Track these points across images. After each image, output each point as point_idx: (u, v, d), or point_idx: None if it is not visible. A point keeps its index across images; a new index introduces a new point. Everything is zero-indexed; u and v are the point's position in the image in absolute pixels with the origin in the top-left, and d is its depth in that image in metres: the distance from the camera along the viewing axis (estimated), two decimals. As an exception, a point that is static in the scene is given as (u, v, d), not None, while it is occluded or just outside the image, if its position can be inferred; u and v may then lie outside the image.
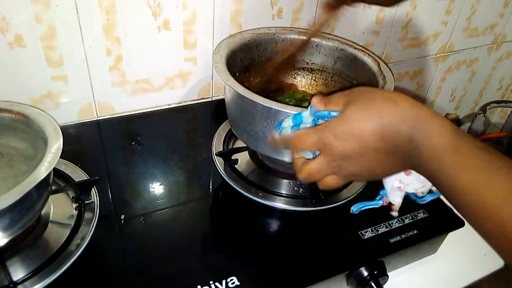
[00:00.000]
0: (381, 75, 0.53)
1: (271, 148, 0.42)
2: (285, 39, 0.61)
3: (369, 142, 0.33)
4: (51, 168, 0.39)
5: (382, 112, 0.33)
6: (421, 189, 0.38)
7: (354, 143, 0.34)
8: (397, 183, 0.38)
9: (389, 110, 0.33)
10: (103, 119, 0.66)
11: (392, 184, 0.38)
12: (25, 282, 0.40)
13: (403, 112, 0.33)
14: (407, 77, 0.96)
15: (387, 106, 0.33)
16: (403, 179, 0.37)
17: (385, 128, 0.33)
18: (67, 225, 0.46)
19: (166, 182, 0.55)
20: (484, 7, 0.93)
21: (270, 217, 0.52)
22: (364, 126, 0.33)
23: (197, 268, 0.44)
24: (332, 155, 0.35)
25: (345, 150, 0.34)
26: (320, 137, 0.36)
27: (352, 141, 0.34)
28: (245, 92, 0.45)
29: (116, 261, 0.44)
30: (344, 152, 0.35)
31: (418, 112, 0.32)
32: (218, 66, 0.50)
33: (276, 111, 0.44)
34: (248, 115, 0.48)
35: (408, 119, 0.32)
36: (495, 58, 1.08)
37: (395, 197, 0.38)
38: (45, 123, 0.44)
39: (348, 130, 0.34)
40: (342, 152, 0.35)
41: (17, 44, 0.54)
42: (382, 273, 0.46)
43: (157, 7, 0.59)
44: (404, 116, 0.32)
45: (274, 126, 0.42)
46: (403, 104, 0.33)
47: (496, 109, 1.23)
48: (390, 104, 0.33)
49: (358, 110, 0.34)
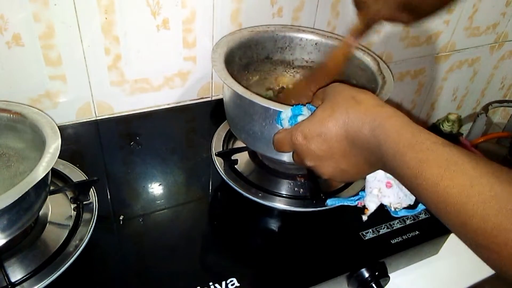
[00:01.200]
0: (380, 75, 0.53)
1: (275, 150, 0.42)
2: (285, 37, 0.61)
3: (333, 142, 0.34)
4: (49, 168, 0.39)
5: (345, 111, 0.33)
6: (395, 204, 0.38)
7: (322, 144, 0.35)
8: (376, 191, 0.38)
9: (352, 109, 0.33)
10: (102, 119, 0.66)
11: (372, 190, 0.38)
12: (23, 283, 0.40)
13: (366, 111, 0.33)
14: (408, 77, 0.95)
15: (350, 105, 0.34)
16: (382, 190, 0.38)
17: (349, 127, 0.33)
18: (66, 226, 0.46)
19: (165, 183, 0.54)
20: (486, 6, 0.92)
21: (270, 217, 0.52)
22: (329, 126, 0.34)
23: (196, 269, 0.44)
24: (304, 154, 0.37)
25: (314, 150, 0.35)
26: (291, 137, 0.37)
27: (319, 142, 0.35)
28: (243, 92, 0.45)
29: (115, 262, 0.44)
30: (314, 152, 0.35)
31: (379, 111, 0.32)
32: (216, 65, 0.49)
33: (274, 111, 0.43)
34: (247, 115, 0.48)
35: (370, 119, 0.32)
36: (497, 57, 1.08)
37: (370, 203, 0.39)
38: (43, 123, 0.43)
39: (314, 130, 0.35)
40: (312, 152, 0.36)
41: (15, 43, 0.53)
42: (384, 274, 0.46)
43: (156, 6, 0.59)
44: (366, 115, 0.32)
45: (274, 119, 0.43)
46: (366, 103, 0.33)
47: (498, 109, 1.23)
48: (353, 103, 0.34)
49: (323, 110, 0.35)
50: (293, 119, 0.39)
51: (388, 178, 0.37)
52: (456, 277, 0.54)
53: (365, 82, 0.57)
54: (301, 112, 0.39)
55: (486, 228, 0.25)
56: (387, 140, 0.31)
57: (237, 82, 0.47)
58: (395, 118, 0.32)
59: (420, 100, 1.04)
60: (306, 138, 0.36)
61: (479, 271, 0.54)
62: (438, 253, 0.55)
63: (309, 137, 0.35)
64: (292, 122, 0.39)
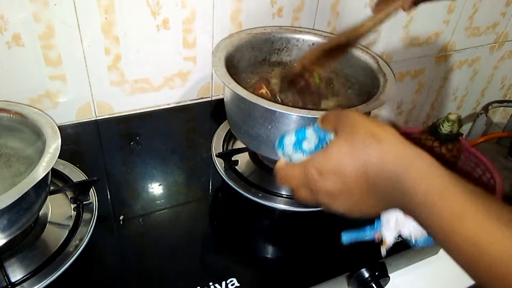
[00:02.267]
0: (381, 73, 0.53)
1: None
2: (282, 39, 0.61)
3: (352, 182, 0.32)
4: (49, 168, 0.39)
5: (365, 151, 0.31)
6: (415, 233, 0.36)
7: (339, 183, 0.32)
8: (393, 221, 0.36)
9: (373, 149, 0.31)
10: (102, 119, 0.66)
11: (388, 220, 0.36)
12: (23, 283, 0.40)
13: (388, 152, 0.30)
14: (408, 77, 0.95)
15: (371, 143, 0.31)
16: (400, 219, 0.35)
17: (369, 169, 0.31)
18: (66, 226, 0.46)
19: (165, 183, 0.54)
20: (486, 6, 0.92)
21: (270, 217, 0.52)
22: (346, 165, 0.32)
23: (196, 269, 0.44)
24: (318, 192, 0.34)
25: (328, 187, 0.33)
26: (305, 173, 0.34)
27: (336, 180, 0.33)
28: (248, 95, 0.45)
29: (115, 262, 0.44)
30: (328, 190, 0.33)
31: (404, 153, 0.30)
32: (218, 69, 0.49)
33: (280, 113, 0.43)
34: (251, 118, 0.48)
35: (393, 161, 0.30)
36: (497, 57, 1.08)
37: (388, 235, 0.37)
38: (43, 123, 0.44)
39: (330, 168, 0.33)
40: (327, 190, 0.33)
41: (15, 43, 0.53)
42: (384, 274, 0.46)
43: (156, 6, 0.59)
44: (388, 157, 0.30)
45: (276, 142, 0.38)
46: (388, 143, 0.31)
47: (498, 109, 1.23)
48: (374, 141, 0.31)
49: (340, 145, 0.33)
50: (297, 145, 0.37)
51: None
52: (455, 277, 0.54)
53: (365, 80, 0.57)
54: (305, 136, 0.37)
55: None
56: (412, 186, 0.29)
57: (240, 86, 0.47)
58: (420, 161, 0.30)
59: (420, 100, 1.04)
60: (321, 175, 0.33)
61: (479, 271, 0.54)
62: (438, 253, 0.55)
63: (325, 174, 0.33)
64: (297, 148, 0.37)
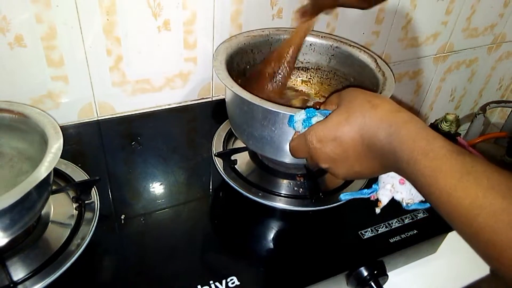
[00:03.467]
0: (380, 71, 0.53)
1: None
2: (279, 40, 0.61)
3: (349, 146, 0.34)
4: (51, 168, 0.39)
5: (361, 116, 0.33)
6: (407, 200, 0.39)
7: (337, 147, 0.35)
8: (389, 186, 0.39)
9: (368, 114, 0.33)
10: (103, 119, 0.66)
11: (385, 185, 0.39)
12: (25, 282, 0.40)
13: (382, 116, 0.33)
14: (406, 77, 0.96)
15: (366, 109, 0.33)
16: (396, 185, 0.38)
17: (364, 132, 0.33)
18: (67, 225, 0.46)
19: (166, 182, 0.55)
20: (484, 7, 0.93)
21: (270, 217, 0.52)
22: (344, 130, 0.34)
23: (197, 268, 0.44)
24: (318, 158, 0.37)
25: (329, 153, 0.35)
26: (306, 141, 0.37)
27: (334, 145, 0.35)
28: (252, 98, 0.45)
29: (116, 261, 0.44)
30: (328, 156, 0.36)
31: (395, 116, 0.32)
32: (220, 73, 0.49)
33: (284, 115, 0.44)
34: (255, 121, 0.48)
35: (386, 124, 0.32)
36: (495, 58, 1.08)
37: (384, 196, 0.40)
38: (46, 123, 0.44)
39: (329, 134, 0.35)
40: (326, 155, 0.36)
41: (18, 44, 0.54)
42: (382, 273, 0.46)
43: (157, 7, 0.59)
44: (382, 120, 0.32)
45: (286, 121, 0.43)
46: (382, 108, 0.33)
47: (495, 109, 1.23)
48: (369, 107, 0.33)
49: (338, 114, 0.35)
50: (307, 122, 0.39)
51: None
52: (454, 276, 0.54)
53: (364, 80, 0.57)
54: (315, 113, 0.39)
55: (496, 241, 0.25)
56: (402, 147, 0.31)
57: (243, 88, 0.47)
58: (410, 124, 0.31)
59: (419, 100, 1.05)
60: (320, 142, 0.36)
61: (476, 270, 0.54)
62: (436, 252, 0.56)
63: (324, 140, 0.35)
64: (306, 125, 0.39)
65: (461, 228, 0.28)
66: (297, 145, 0.40)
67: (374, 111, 0.33)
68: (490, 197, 0.26)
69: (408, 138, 0.31)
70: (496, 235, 0.25)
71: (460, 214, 0.27)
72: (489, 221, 0.25)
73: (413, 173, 0.30)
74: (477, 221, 0.26)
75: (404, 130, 0.31)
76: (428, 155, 0.29)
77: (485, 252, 0.27)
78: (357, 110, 0.34)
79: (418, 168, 0.29)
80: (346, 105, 0.35)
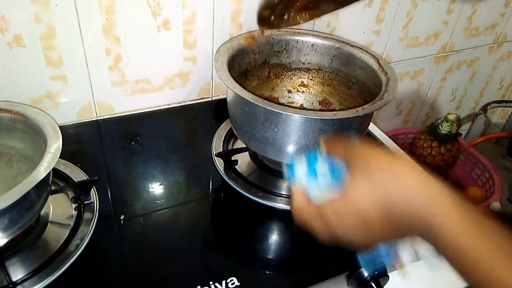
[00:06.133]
0: (383, 72, 0.53)
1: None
2: (280, 41, 0.61)
3: (373, 220, 0.32)
4: (50, 168, 0.39)
5: (384, 189, 0.31)
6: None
7: (358, 222, 0.32)
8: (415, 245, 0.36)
9: (393, 188, 0.31)
10: (103, 119, 0.66)
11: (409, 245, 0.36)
12: (24, 283, 0.40)
13: (409, 191, 0.30)
14: (407, 77, 0.96)
15: (390, 183, 0.31)
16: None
17: (389, 205, 0.31)
18: (67, 225, 0.46)
19: (166, 182, 0.54)
20: (484, 7, 0.92)
21: (270, 217, 0.52)
22: (366, 205, 0.31)
23: (197, 269, 0.44)
24: (336, 231, 0.34)
25: (348, 227, 0.33)
26: (322, 216, 0.34)
27: (355, 221, 0.32)
28: (254, 99, 0.45)
29: (116, 261, 0.44)
30: (347, 229, 0.33)
31: (426, 192, 0.30)
32: (222, 74, 0.49)
33: (286, 115, 0.43)
34: (257, 121, 0.48)
35: (415, 201, 0.30)
36: (496, 58, 1.08)
37: (404, 254, 0.37)
38: (45, 123, 0.44)
39: (349, 210, 0.32)
40: (345, 229, 0.33)
41: (17, 44, 0.54)
42: (383, 274, 0.46)
43: (156, 6, 0.59)
44: (408, 194, 0.30)
45: (286, 172, 0.37)
46: (407, 181, 0.31)
47: (496, 109, 1.23)
48: (393, 180, 0.31)
49: (357, 186, 0.32)
50: (311, 174, 0.35)
51: None
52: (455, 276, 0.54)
53: (366, 80, 0.57)
54: (316, 159, 0.35)
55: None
56: (438, 228, 0.29)
57: (245, 90, 0.47)
58: (438, 196, 0.30)
59: (419, 100, 1.04)
60: (339, 219, 0.33)
61: (477, 271, 0.54)
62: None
63: (341, 216, 0.33)
64: (311, 178, 0.35)
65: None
66: (306, 214, 0.35)
67: (399, 185, 0.31)
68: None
69: (438, 214, 0.29)
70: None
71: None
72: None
73: (454, 256, 0.30)
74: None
75: (434, 206, 0.29)
76: (475, 242, 0.29)
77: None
78: (378, 182, 0.31)
79: (463, 253, 0.29)
80: (363, 173, 0.32)
